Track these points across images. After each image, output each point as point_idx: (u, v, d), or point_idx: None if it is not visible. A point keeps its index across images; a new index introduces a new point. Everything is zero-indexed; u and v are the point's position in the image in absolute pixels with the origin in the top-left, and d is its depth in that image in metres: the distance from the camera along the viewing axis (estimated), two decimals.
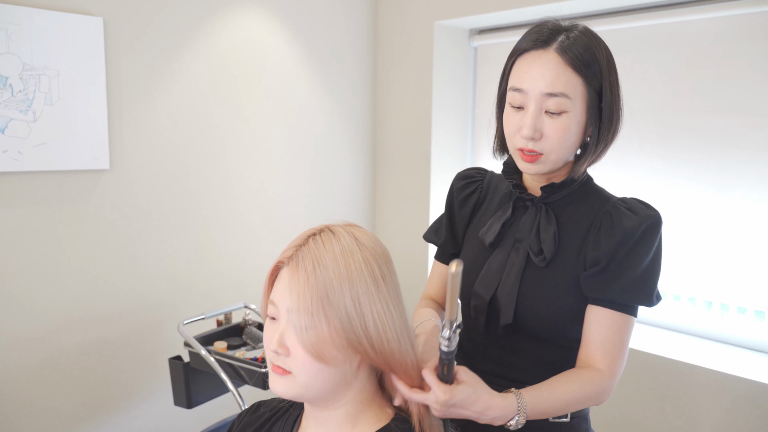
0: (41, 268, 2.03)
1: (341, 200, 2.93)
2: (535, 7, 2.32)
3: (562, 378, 1.02)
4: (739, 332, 2.09)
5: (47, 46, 1.94)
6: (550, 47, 1.02)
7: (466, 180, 1.27)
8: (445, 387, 0.87)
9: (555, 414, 1.01)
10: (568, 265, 1.06)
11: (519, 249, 1.10)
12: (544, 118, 1.01)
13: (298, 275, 0.79)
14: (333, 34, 2.79)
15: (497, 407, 0.92)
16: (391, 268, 0.85)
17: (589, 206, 1.09)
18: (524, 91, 1.03)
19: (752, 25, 1.99)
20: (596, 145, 1.05)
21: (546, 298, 1.06)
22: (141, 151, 2.22)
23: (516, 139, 1.05)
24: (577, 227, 1.08)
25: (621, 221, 1.03)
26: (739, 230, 2.05)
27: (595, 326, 1.04)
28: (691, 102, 2.14)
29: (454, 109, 2.84)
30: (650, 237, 1.03)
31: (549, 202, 1.10)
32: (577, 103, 1.01)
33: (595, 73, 1.02)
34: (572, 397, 1.00)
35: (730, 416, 1.90)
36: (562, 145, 1.02)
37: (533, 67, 1.02)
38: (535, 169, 1.05)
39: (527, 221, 1.11)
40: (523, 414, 0.95)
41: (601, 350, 1.03)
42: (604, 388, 1.02)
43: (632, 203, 1.06)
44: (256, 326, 2.13)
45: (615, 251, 1.02)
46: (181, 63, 2.29)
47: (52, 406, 2.09)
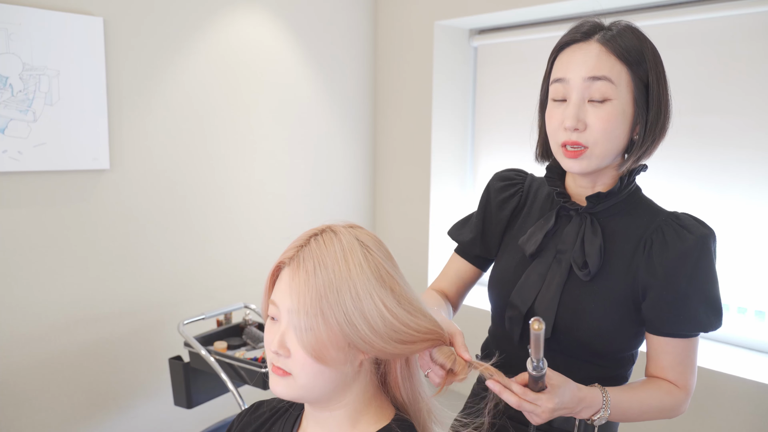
0: (41, 268, 2.03)
1: (341, 200, 2.93)
2: (535, 8, 2.32)
3: (643, 384, 1.01)
4: (739, 332, 2.09)
5: (47, 46, 1.93)
6: (591, 39, 0.99)
7: (506, 182, 1.19)
8: (548, 395, 0.88)
9: (632, 418, 1.00)
10: (615, 281, 1.00)
11: (561, 261, 1.04)
12: (588, 108, 0.97)
13: (299, 276, 0.78)
14: (333, 34, 2.79)
15: (588, 399, 0.94)
16: (395, 267, 0.85)
17: (637, 219, 1.02)
18: (566, 80, 0.98)
19: (752, 25, 1.99)
20: (643, 140, 0.99)
21: (588, 314, 1.01)
22: (141, 151, 2.22)
23: (559, 134, 0.99)
24: (625, 241, 1.01)
25: (675, 242, 0.97)
26: (739, 230, 2.05)
27: (664, 355, 1.01)
28: (691, 102, 2.14)
29: (454, 109, 2.84)
30: (707, 258, 0.97)
31: (594, 213, 1.04)
32: (622, 91, 0.96)
33: (640, 63, 0.97)
34: (651, 405, 0.99)
35: (731, 416, 1.91)
36: (608, 136, 0.96)
37: (575, 56, 0.98)
38: (579, 166, 0.98)
39: (571, 232, 1.04)
40: (607, 408, 0.95)
41: (673, 373, 1.01)
42: (679, 402, 1.00)
43: (685, 220, 1.00)
44: (256, 326, 2.12)
45: (672, 276, 0.97)
46: (181, 63, 2.29)
47: (52, 406, 2.09)
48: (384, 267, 0.82)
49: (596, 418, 0.95)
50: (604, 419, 0.95)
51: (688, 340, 1.00)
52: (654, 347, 1.01)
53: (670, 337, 0.99)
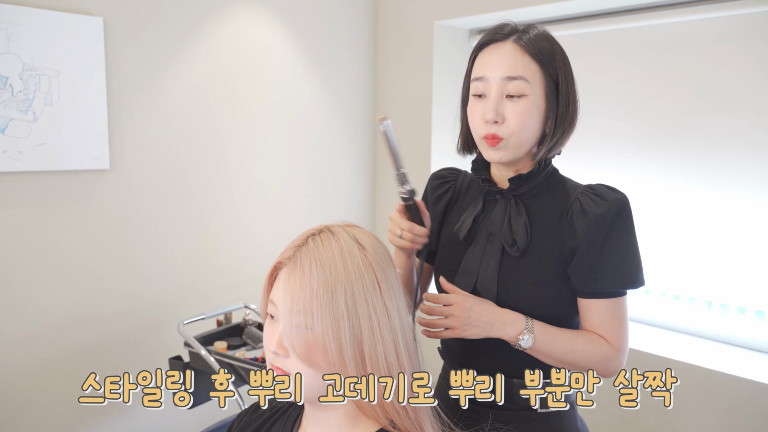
0: (41, 268, 2.03)
1: (341, 200, 2.93)
2: (535, 8, 2.32)
3: (572, 329, 1.10)
4: (739, 332, 2.09)
5: (47, 46, 1.94)
6: (508, 39, 1.08)
7: (440, 180, 1.31)
8: (464, 293, 1.07)
9: (559, 355, 1.06)
10: (544, 253, 1.09)
11: (493, 242, 1.13)
12: (506, 103, 1.06)
13: (295, 275, 0.79)
14: (333, 34, 2.79)
15: (510, 316, 1.06)
16: (392, 269, 0.85)
17: (558, 195, 1.12)
18: (485, 78, 1.08)
19: (752, 25, 1.99)
20: (554, 132, 1.09)
21: (524, 287, 1.09)
22: (141, 151, 2.22)
23: (480, 127, 1.09)
24: (548, 216, 1.10)
25: (591, 208, 1.06)
26: (739, 230, 2.05)
27: (591, 316, 1.09)
28: (691, 102, 2.14)
29: (454, 109, 2.84)
30: (623, 220, 1.06)
31: (518, 195, 1.13)
32: (536, 88, 1.06)
33: (551, 62, 1.07)
34: (577, 346, 1.06)
35: (730, 416, 1.90)
36: (524, 128, 1.06)
37: (493, 56, 1.08)
38: (499, 155, 1.08)
39: (498, 214, 1.14)
40: (531, 331, 1.04)
41: (601, 331, 1.08)
42: (609, 356, 1.07)
43: (599, 189, 1.09)
44: (256, 326, 2.13)
45: (591, 238, 1.05)
46: (181, 63, 2.29)
47: (52, 406, 2.09)
48: (384, 269, 0.82)
49: (520, 339, 1.05)
50: (529, 343, 1.05)
51: (611, 300, 1.07)
52: (582, 309, 1.10)
53: (593, 299, 1.08)
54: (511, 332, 1.05)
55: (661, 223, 2.22)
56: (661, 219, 2.22)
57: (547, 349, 1.06)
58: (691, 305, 2.20)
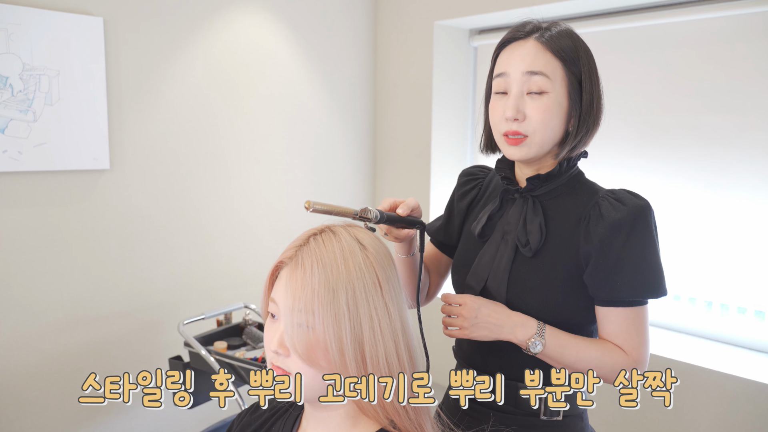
0: (41, 268, 2.03)
1: (341, 200, 2.93)
2: (535, 8, 2.31)
3: (587, 338, 1.07)
4: (739, 332, 2.09)
5: (47, 46, 1.93)
6: (530, 37, 1.07)
7: (468, 177, 1.30)
8: (473, 296, 1.06)
9: (569, 363, 1.03)
10: (558, 256, 1.07)
11: (508, 241, 1.12)
12: (527, 100, 1.05)
13: (297, 275, 0.79)
14: (333, 34, 2.79)
15: (521, 318, 1.04)
16: (393, 269, 0.85)
17: (578, 199, 1.09)
18: (506, 74, 1.07)
19: (752, 25, 1.99)
20: (577, 131, 1.07)
21: (534, 288, 1.07)
22: (141, 151, 2.22)
23: (501, 125, 1.08)
24: (566, 219, 1.08)
25: (609, 213, 1.03)
26: (739, 230, 2.05)
27: (609, 325, 1.05)
28: (691, 102, 2.14)
29: (454, 109, 2.84)
30: (642, 227, 1.03)
31: (537, 195, 1.11)
32: (558, 85, 1.04)
33: (574, 60, 1.06)
34: (590, 354, 1.03)
35: (730, 416, 1.90)
36: (545, 126, 1.04)
37: (514, 53, 1.07)
38: (520, 153, 1.06)
39: (514, 213, 1.13)
40: (542, 336, 1.02)
41: (618, 341, 1.05)
42: (624, 367, 1.03)
43: (620, 194, 1.06)
44: (256, 326, 2.12)
45: (607, 244, 1.02)
46: (181, 63, 2.29)
47: (52, 406, 2.09)
48: (386, 269, 0.81)
49: (530, 343, 1.03)
50: (539, 348, 1.03)
51: (630, 309, 1.04)
52: (599, 317, 1.07)
53: (611, 307, 1.04)
54: (521, 335, 1.04)
55: (660, 223, 2.21)
56: (660, 219, 2.21)
57: (557, 355, 1.03)
58: (691, 305, 2.20)
